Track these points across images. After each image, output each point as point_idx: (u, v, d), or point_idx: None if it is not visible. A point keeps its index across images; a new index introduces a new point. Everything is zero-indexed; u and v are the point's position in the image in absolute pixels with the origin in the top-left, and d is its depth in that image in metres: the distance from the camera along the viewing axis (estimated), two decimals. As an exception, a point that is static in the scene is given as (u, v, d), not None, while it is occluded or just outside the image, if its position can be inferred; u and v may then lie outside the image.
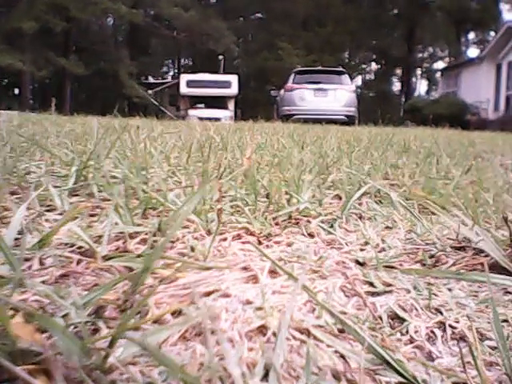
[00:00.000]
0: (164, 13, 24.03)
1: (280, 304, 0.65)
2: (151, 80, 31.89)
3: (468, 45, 38.91)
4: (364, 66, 37.47)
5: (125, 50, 25.45)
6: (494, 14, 33.36)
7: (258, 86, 31.68)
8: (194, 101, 29.61)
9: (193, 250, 0.87)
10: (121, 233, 0.92)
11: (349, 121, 14.70)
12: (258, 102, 31.92)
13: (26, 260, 0.75)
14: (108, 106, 28.49)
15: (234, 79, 29.55)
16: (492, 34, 33.69)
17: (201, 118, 27.75)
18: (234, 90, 29.55)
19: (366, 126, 13.04)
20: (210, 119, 27.51)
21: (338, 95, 14.68)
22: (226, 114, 28.78)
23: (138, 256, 0.78)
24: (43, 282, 0.67)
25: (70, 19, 21.72)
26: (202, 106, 29.43)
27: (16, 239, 0.80)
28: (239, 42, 31.34)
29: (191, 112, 28.75)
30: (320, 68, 15.47)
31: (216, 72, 32.03)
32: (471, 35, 38.62)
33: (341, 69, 15.49)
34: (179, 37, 29.15)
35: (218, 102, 29.30)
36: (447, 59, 36.58)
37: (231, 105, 30.10)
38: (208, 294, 0.68)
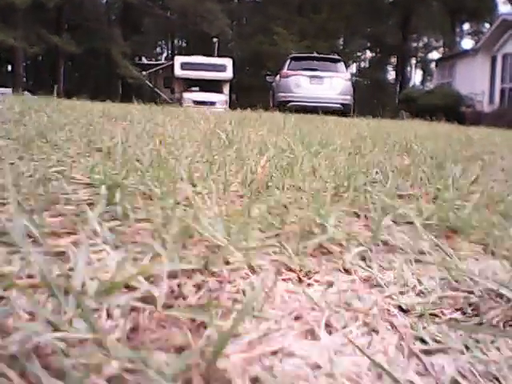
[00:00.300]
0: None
1: (347, 369, 0.68)
2: (145, 61, 31.70)
3: (462, 35, 38.94)
4: (359, 53, 37.41)
5: (117, 28, 25.27)
6: (489, 5, 33.39)
7: (252, 71, 31.56)
8: (189, 83, 29.47)
9: (244, 293, 0.90)
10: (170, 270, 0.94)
11: (344, 109, 14.76)
12: (252, 87, 31.86)
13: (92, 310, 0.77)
14: (101, 86, 28.44)
15: (228, 63, 29.48)
16: (487, 25, 33.73)
17: (196, 102, 27.93)
18: (228, 73, 29.48)
19: (363, 118, 13.08)
20: (204, 103, 27.75)
21: (334, 83, 14.70)
22: (220, 98, 28.75)
23: (200, 306, 0.81)
24: (118, 341, 0.69)
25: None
26: (197, 89, 29.30)
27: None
28: (233, 25, 31.14)
29: (186, 95, 28.68)
30: (316, 55, 15.44)
31: (210, 55, 31.88)
32: (466, 26, 38.64)
33: (336, 56, 15.50)
34: (173, 17, 28.95)
35: (212, 86, 29.22)
36: (442, 50, 36.57)
37: (226, 89, 30.04)
38: (274, 353, 0.71)
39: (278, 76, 15.92)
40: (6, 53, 23.70)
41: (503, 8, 34.75)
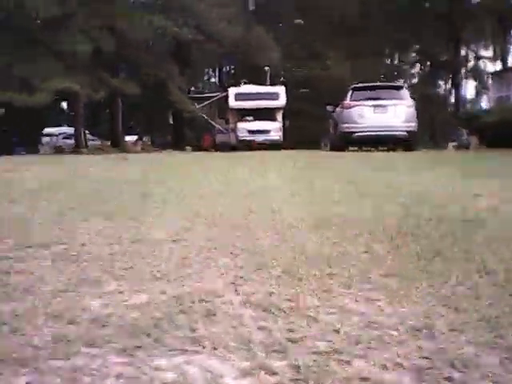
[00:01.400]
0: (211, 29, 24.39)
1: None
2: (198, 94, 32.49)
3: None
4: (409, 68, 37.25)
5: (173, 64, 25.96)
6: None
7: (304, 96, 31.79)
8: (243, 113, 29.90)
9: None
10: None
11: (409, 137, 14.75)
12: (304, 112, 32.10)
13: None
14: (154, 119, 28.84)
15: (281, 90, 29.88)
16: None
17: (250, 131, 28.29)
18: (281, 101, 29.84)
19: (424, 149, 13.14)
20: (259, 132, 28.04)
21: (398, 111, 14.72)
22: (274, 126, 29.16)
23: None
24: None
25: (121, 38, 22.28)
26: (251, 118, 29.69)
27: None
28: (283, 51, 31.47)
29: (240, 125, 29.21)
30: (378, 84, 15.49)
31: (262, 83, 32.29)
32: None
33: (399, 83, 15.59)
34: (222, 50, 29.51)
35: (266, 114, 29.61)
36: (494, 61, 36.06)
37: (279, 116, 30.39)
38: None
39: (339, 107, 16.00)
40: (68, 96, 24.62)
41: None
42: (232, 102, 29.82)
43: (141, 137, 35.81)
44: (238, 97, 29.67)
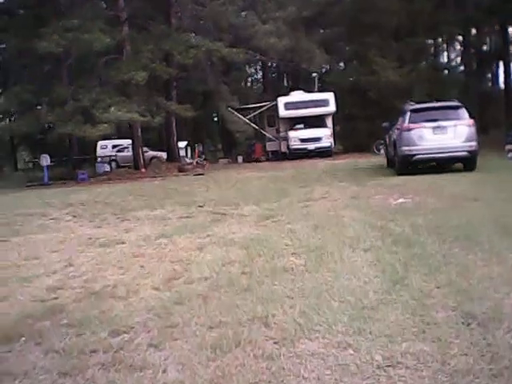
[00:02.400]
0: (260, 44, 24.73)
1: None
2: (248, 105, 32.87)
3: None
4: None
5: (223, 84, 26.46)
6: None
7: (353, 101, 31.84)
8: (293, 122, 30.22)
9: None
10: None
11: (471, 156, 14.78)
12: (353, 117, 32.14)
13: None
14: (208, 130, 29.21)
15: (330, 96, 30.03)
16: None
17: (302, 140, 28.55)
18: (331, 107, 30.02)
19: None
20: (311, 140, 28.24)
21: (458, 131, 14.75)
22: (325, 133, 29.39)
23: None
24: None
25: (173, 64, 22.88)
26: (302, 126, 29.99)
27: None
28: (331, 58, 31.55)
29: (292, 134, 29.58)
30: (435, 104, 15.54)
31: (310, 90, 32.46)
32: None
33: (456, 103, 15.52)
34: (272, 61, 29.79)
35: (316, 121, 29.91)
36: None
37: (329, 122, 30.59)
38: None
39: (397, 129, 16.10)
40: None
41: None
42: (282, 112, 30.14)
43: (198, 151, 36.29)
44: (288, 106, 29.98)
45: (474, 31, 34.65)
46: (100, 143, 37.13)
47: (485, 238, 6.28)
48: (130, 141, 26.82)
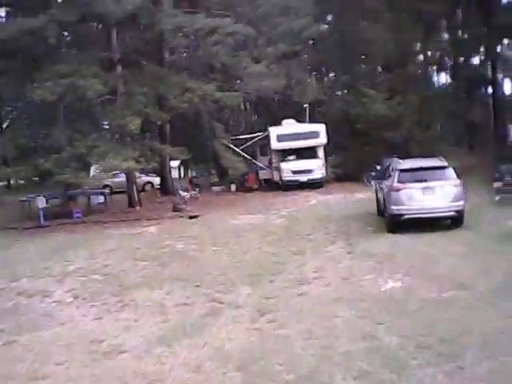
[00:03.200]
0: (254, 85, 25.18)
1: None
2: (240, 136, 33.39)
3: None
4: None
5: (218, 124, 26.93)
6: None
7: (344, 131, 32.35)
8: (286, 153, 30.73)
9: None
10: None
11: (458, 215, 15.26)
12: (345, 146, 32.65)
13: None
14: (201, 157, 29.10)
15: (321, 128, 30.63)
16: None
17: (294, 172, 29.04)
18: (322, 139, 30.61)
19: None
20: (303, 172, 28.72)
21: (446, 191, 15.23)
22: (317, 164, 29.99)
23: None
24: None
25: (167, 108, 23.31)
26: (294, 157, 30.52)
27: None
28: (322, 89, 32.05)
29: (283, 166, 30.10)
30: (423, 165, 16.00)
31: (300, 120, 32.98)
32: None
33: (444, 163, 15.99)
34: (264, 95, 30.24)
35: (308, 153, 30.55)
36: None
37: (321, 153, 31.16)
38: None
39: (386, 187, 16.54)
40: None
41: None
42: (274, 144, 30.71)
43: (191, 180, 36.66)
44: (280, 138, 30.55)
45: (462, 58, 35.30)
46: (93, 167, 37.31)
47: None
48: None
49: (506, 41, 33.32)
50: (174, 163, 44.18)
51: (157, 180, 36.94)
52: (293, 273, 11.99)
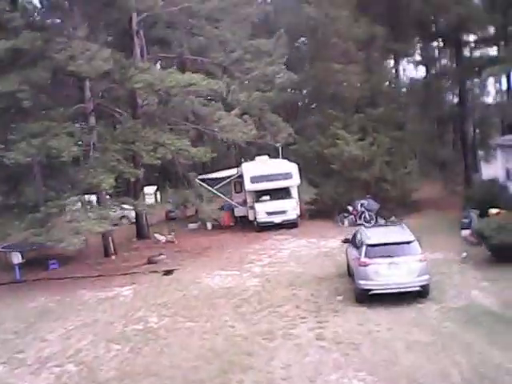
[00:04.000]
0: (228, 136, 25.56)
1: None
2: (213, 175, 33.70)
3: None
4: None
5: (192, 172, 27.26)
6: None
7: (317, 170, 32.85)
8: (260, 194, 31.08)
9: None
10: None
11: (423, 290, 15.79)
12: (319, 184, 33.09)
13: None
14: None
15: (294, 169, 31.10)
16: None
17: (269, 213, 29.33)
18: (295, 180, 31.12)
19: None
20: (277, 213, 29.02)
21: (411, 267, 15.70)
22: (291, 205, 30.42)
23: None
24: None
25: (140, 163, 23.62)
26: (268, 197, 30.92)
27: None
28: (295, 128, 32.56)
29: (258, 207, 30.52)
30: (390, 241, 16.42)
31: (274, 156, 33.48)
32: None
33: (410, 238, 16.42)
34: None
35: (282, 193, 30.96)
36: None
37: (295, 192, 31.68)
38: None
39: (354, 257, 16.96)
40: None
41: None
42: (248, 185, 31.09)
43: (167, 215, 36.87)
44: (253, 179, 30.94)
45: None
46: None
47: None
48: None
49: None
50: (151, 189, 44.39)
51: (133, 213, 36.78)
52: (262, 370, 12.28)
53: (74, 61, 21.09)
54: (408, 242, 16.24)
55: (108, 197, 26.07)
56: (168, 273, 22.63)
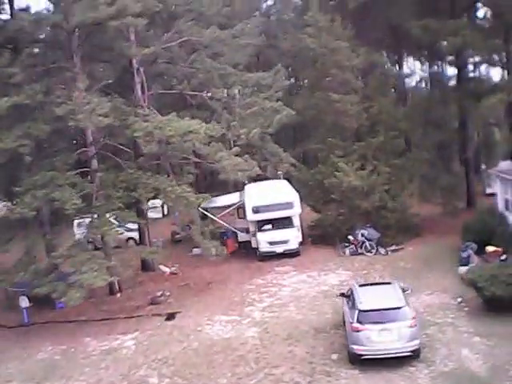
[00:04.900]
0: (230, 176, 26.09)
1: None
2: (217, 204, 34.19)
3: None
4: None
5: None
6: None
7: (319, 197, 33.23)
8: (262, 223, 31.52)
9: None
10: None
11: (414, 355, 16.30)
12: (321, 211, 33.52)
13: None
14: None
15: (295, 198, 31.48)
16: None
17: (270, 243, 29.80)
18: (296, 209, 31.63)
19: None
20: (279, 243, 29.45)
21: (402, 332, 16.17)
22: (293, 234, 30.84)
23: None
24: None
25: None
26: (270, 227, 31.37)
27: None
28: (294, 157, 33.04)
29: (260, 237, 31.07)
30: (383, 307, 16.84)
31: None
32: None
33: (401, 303, 16.84)
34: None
35: (283, 222, 31.42)
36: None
37: (296, 221, 32.15)
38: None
39: (348, 324, 17.41)
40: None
41: None
42: (250, 216, 31.59)
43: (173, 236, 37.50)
44: (255, 209, 31.43)
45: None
46: (77, 221, 36.75)
47: None
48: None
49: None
50: (157, 202, 44.78)
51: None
52: None
53: (74, 114, 21.45)
54: (399, 307, 16.68)
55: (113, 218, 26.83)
56: (170, 317, 23.14)
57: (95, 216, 22.80)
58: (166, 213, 49.72)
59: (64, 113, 21.51)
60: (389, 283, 19.24)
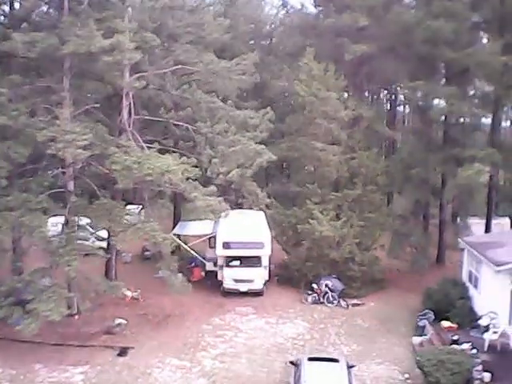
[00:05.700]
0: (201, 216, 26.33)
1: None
2: (189, 231, 34.44)
3: None
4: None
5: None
6: None
7: (290, 241, 33.56)
8: (230, 259, 31.80)
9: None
10: None
11: None
12: (289, 254, 33.90)
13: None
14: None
15: (267, 239, 31.72)
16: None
17: (236, 280, 30.02)
18: (266, 250, 31.90)
19: None
20: (244, 281, 29.68)
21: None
22: (259, 274, 31.09)
23: None
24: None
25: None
26: (238, 263, 31.62)
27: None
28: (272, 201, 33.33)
29: (226, 272, 31.35)
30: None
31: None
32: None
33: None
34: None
35: (252, 261, 31.62)
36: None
37: (265, 261, 32.46)
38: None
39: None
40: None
41: None
42: (219, 251, 31.82)
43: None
44: (226, 245, 31.68)
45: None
46: (52, 220, 36.17)
47: None
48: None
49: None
50: (134, 208, 44.68)
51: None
52: None
53: (54, 141, 21.51)
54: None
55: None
56: (122, 353, 23.29)
57: (63, 243, 22.76)
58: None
59: (44, 140, 21.52)
60: (337, 361, 19.47)
